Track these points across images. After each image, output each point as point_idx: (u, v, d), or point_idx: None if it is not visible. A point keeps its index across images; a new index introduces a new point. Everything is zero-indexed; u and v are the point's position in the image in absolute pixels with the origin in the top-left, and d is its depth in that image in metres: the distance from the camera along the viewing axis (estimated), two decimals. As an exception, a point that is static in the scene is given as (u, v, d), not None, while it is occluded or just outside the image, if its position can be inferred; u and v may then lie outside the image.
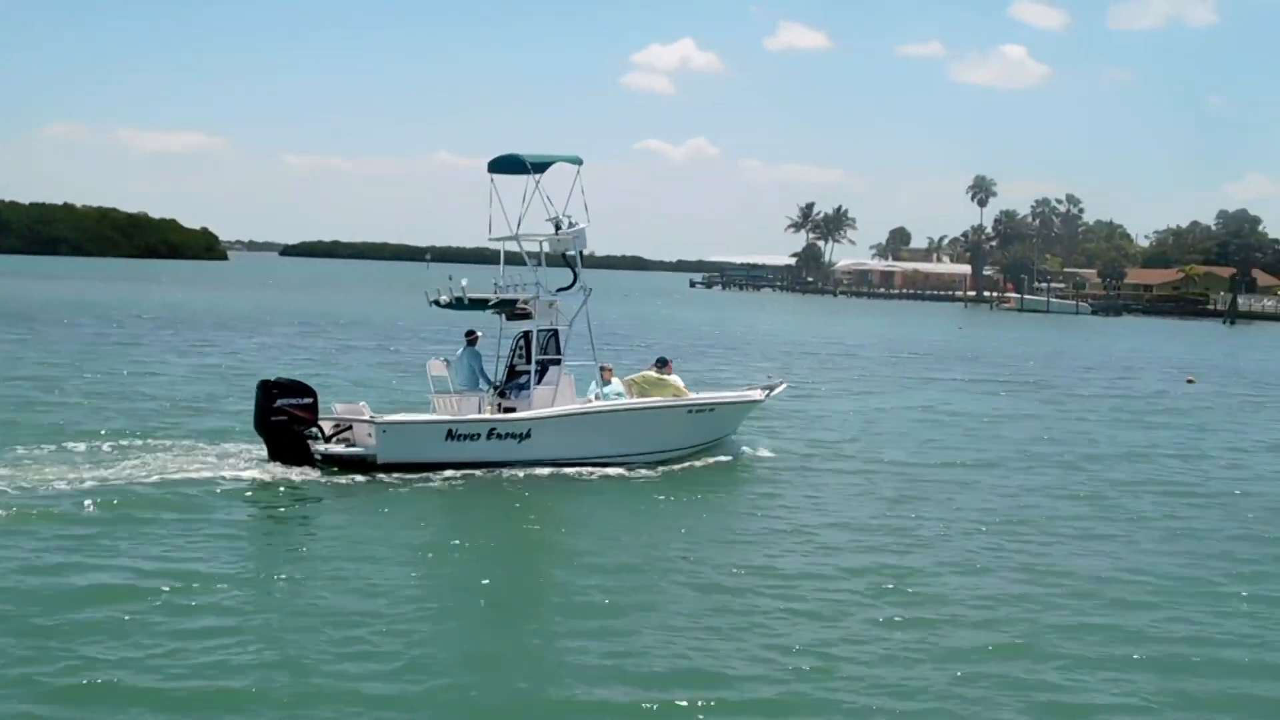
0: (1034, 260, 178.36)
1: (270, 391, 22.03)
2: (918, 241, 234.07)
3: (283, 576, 15.76)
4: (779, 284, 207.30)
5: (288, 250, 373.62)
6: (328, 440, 22.43)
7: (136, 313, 65.66)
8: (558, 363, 23.80)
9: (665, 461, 24.11)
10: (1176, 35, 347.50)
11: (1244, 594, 16.68)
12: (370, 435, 22.16)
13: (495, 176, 24.24)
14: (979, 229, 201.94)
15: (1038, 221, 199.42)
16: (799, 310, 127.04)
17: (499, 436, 22.69)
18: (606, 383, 24.76)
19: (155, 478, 20.47)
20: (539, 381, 23.49)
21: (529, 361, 23.76)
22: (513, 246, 24.90)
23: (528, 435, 22.88)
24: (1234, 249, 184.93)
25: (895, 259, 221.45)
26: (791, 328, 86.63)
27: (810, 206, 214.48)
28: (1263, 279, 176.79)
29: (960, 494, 23.00)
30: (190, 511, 18.66)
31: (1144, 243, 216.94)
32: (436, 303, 24.19)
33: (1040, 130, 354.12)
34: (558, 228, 24.38)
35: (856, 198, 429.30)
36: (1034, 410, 37.32)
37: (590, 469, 22.95)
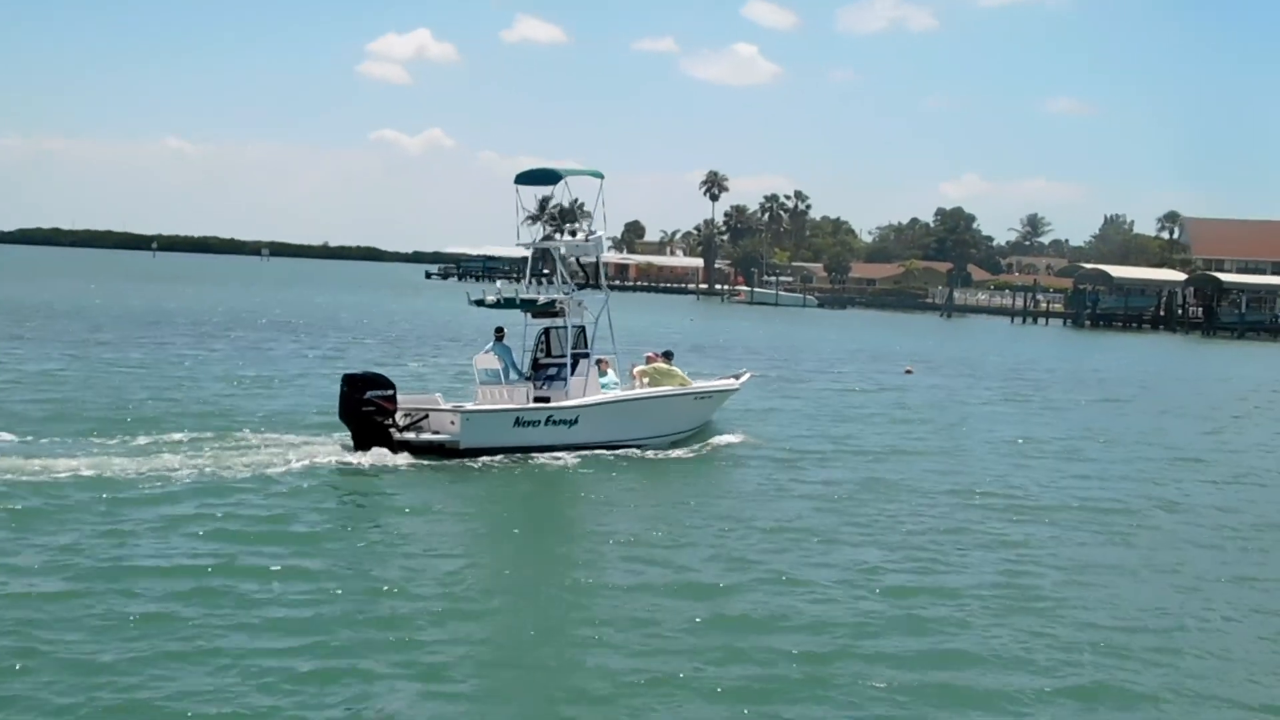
0: (763, 254, 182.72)
1: (357, 384, 23.83)
2: (652, 234, 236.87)
3: (408, 550, 17.22)
4: (515, 275, 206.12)
5: (2, 238, 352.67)
6: (402, 430, 24.11)
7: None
8: (586, 356, 26.48)
9: (674, 444, 26.84)
10: (899, 38, 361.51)
11: (978, 600, 16.60)
12: (453, 423, 24.16)
13: (520, 187, 27.30)
14: (711, 223, 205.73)
15: (767, 216, 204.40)
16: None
17: (554, 423, 25.05)
18: (603, 374, 26.97)
19: (249, 467, 21.56)
20: (572, 373, 25.94)
21: (549, 355, 26.55)
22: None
23: (575, 421, 25.26)
24: (951, 245, 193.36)
25: (630, 251, 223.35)
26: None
27: (546, 199, 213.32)
28: (977, 274, 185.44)
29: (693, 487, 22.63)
30: (300, 496, 19.97)
31: (868, 238, 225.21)
32: (481, 302, 26.81)
33: (770, 127, 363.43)
34: (573, 234, 27.71)
35: (591, 191, 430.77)
36: (775, 404, 37.29)
37: (621, 451, 25.43)
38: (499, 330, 26.63)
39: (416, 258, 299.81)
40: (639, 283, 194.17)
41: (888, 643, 13.91)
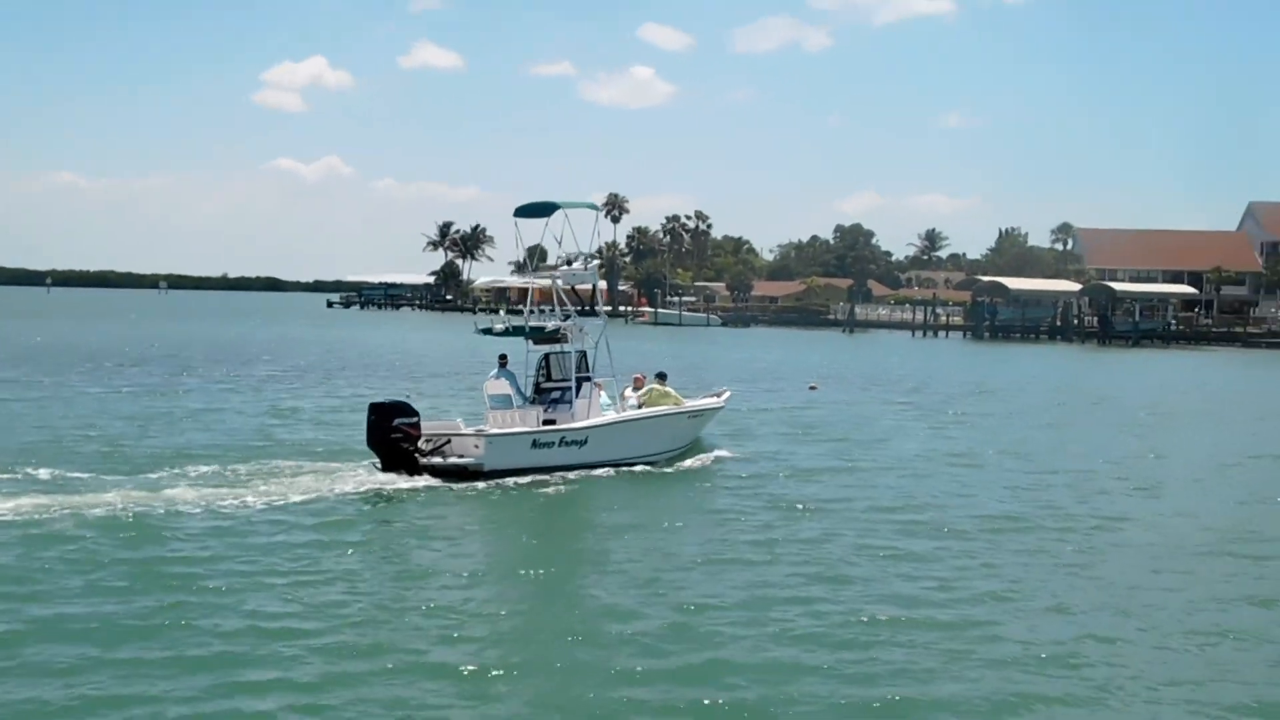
0: (666, 275, 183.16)
1: (386, 412, 24.95)
2: (554, 258, 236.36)
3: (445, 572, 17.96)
4: (418, 302, 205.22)
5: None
6: (426, 454, 25.02)
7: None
8: (588, 379, 27.62)
9: (671, 460, 28.25)
10: (794, 57, 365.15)
11: (881, 618, 16.61)
12: (477, 446, 25.14)
13: (519, 220, 29.00)
14: (613, 245, 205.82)
15: (669, 237, 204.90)
16: (436, 327, 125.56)
17: (566, 444, 26.18)
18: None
19: (288, 495, 22.50)
20: (576, 396, 27.06)
21: (550, 379, 27.69)
22: (543, 281, 30.23)
23: (585, 442, 26.43)
24: (850, 261, 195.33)
25: (533, 275, 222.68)
26: (430, 345, 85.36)
27: (448, 225, 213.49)
28: (877, 289, 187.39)
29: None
30: (333, 521, 20.86)
31: (769, 256, 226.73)
32: (489, 331, 28.46)
33: (669, 148, 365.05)
34: (569, 263, 29.36)
35: (493, 215, 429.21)
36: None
37: (625, 468, 26.74)
38: (502, 357, 27.78)
39: (318, 286, 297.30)
40: (543, 306, 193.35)
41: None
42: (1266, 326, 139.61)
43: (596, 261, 30.10)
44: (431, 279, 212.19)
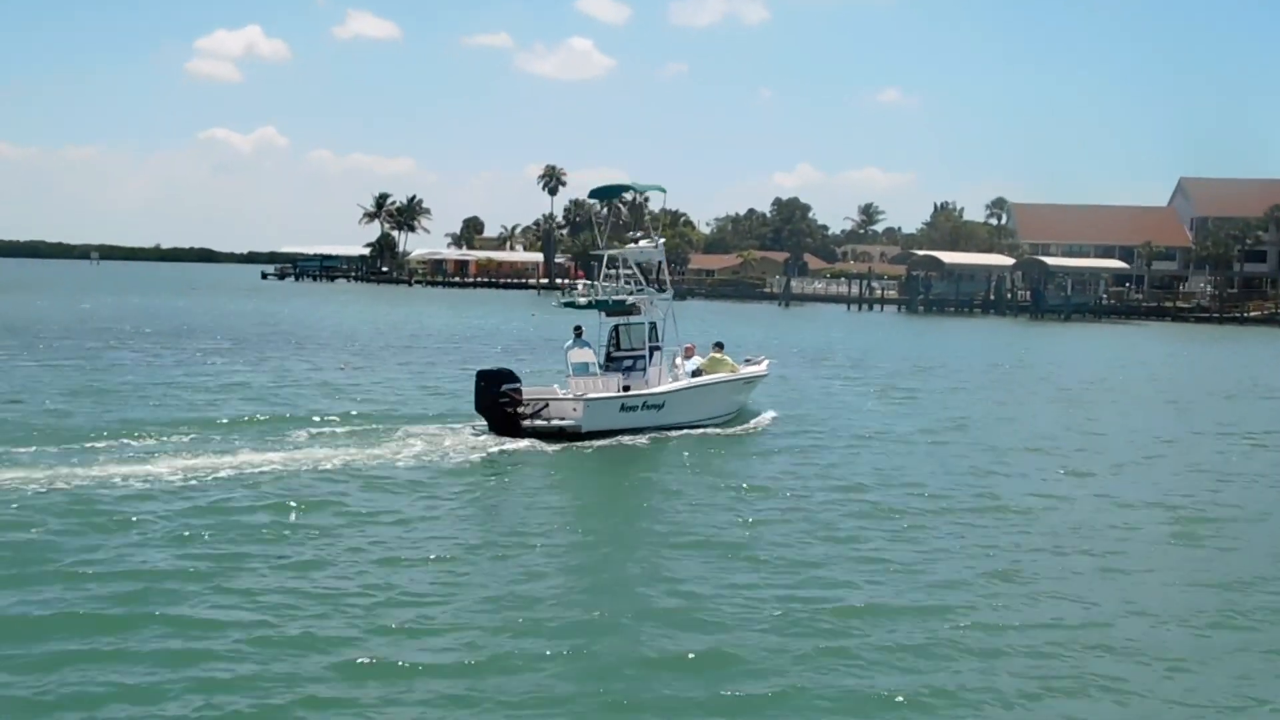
0: (602, 247, 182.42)
1: (493, 378, 27.39)
2: (491, 230, 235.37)
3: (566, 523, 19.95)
4: (353, 274, 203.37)
5: None
6: (528, 417, 27.25)
7: None
8: (659, 348, 29.86)
9: (728, 423, 30.59)
10: (732, 31, 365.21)
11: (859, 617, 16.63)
12: (575, 410, 27.42)
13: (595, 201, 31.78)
14: (550, 217, 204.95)
15: (606, 209, 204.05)
16: (374, 299, 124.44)
17: (648, 407, 28.38)
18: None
19: (412, 455, 24.75)
20: (650, 364, 29.36)
21: (619, 348, 29.93)
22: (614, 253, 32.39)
23: (663, 406, 28.68)
24: (787, 235, 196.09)
25: (469, 248, 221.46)
26: (367, 318, 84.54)
27: (384, 197, 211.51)
28: (813, 263, 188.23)
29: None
30: (454, 478, 22.95)
31: (706, 229, 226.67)
32: (572, 304, 31.24)
33: (607, 120, 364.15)
34: (635, 242, 32.15)
35: (429, 187, 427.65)
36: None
37: (695, 430, 28.82)
38: (578, 328, 29.85)
39: (252, 258, 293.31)
40: (479, 279, 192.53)
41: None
42: (1195, 301, 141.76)
43: (663, 240, 32.87)
44: (367, 251, 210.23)
